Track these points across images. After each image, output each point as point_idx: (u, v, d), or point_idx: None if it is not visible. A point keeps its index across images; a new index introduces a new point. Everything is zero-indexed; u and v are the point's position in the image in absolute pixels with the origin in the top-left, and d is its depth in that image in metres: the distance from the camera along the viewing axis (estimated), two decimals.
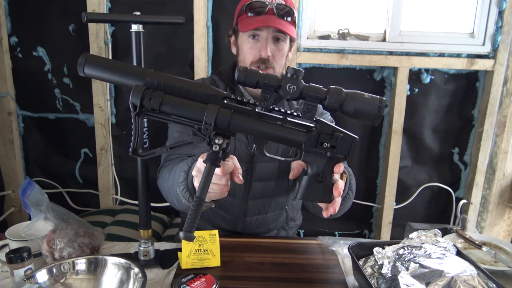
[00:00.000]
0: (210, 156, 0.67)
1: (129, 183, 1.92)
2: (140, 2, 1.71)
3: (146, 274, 0.87)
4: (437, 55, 1.76)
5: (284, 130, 0.68)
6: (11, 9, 1.75)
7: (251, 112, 0.68)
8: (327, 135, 0.69)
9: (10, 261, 0.89)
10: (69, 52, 1.77)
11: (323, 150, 0.69)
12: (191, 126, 0.67)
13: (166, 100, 0.64)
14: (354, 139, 0.71)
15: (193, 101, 0.65)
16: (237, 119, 0.66)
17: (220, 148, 0.66)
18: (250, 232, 1.28)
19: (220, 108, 0.65)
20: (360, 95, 0.67)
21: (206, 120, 0.64)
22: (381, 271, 0.89)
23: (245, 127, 0.66)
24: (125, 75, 0.67)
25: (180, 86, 0.66)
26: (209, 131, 0.65)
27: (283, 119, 0.69)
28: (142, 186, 1.01)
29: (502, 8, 1.71)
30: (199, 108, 0.64)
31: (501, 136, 1.83)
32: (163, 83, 0.66)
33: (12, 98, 1.82)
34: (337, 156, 0.70)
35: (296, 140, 0.68)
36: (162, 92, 0.64)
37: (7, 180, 1.90)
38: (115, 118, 1.85)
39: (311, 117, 0.68)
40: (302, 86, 0.67)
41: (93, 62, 0.67)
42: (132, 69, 0.68)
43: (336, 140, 0.69)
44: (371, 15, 1.81)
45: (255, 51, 1.12)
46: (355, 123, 1.84)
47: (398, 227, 1.95)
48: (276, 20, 1.09)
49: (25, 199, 1.09)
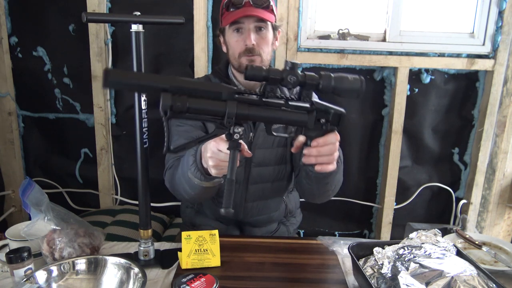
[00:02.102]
0: (233, 144, 0.77)
1: (129, 183, 1.92)
2: (140, 2, 1.71)
3: (146, 274, 0.87)
4: (437, 55, 1.76)
5: (290, 114, 0.81)
6: (11, 9, 1.75)
7: (260, 102, 0.79)
8: (322, 111, 0.83)
9: (10, 261, 0.89)
10: (69, 52, 1.77)
11: (320, 125, 0.84)
12: (213, 121, 0.77)
13: (191, 103, 0.74)
14: (342, 112, 0.85)
15: (211, 99, 0.75)
16: (252, 110, 0.78)
17: (240, 136, 0.77)
18: (252, 220, 1.31)
19: (237, 103, 0.76)
20: (345, 77, 0.80)
21: (228, 114, 0.75)
22: (381, 271, 0.89)
23: (259, 116, 0.79)
24: (148, 84, 0.75)
25: (197, 88, 0.75)
26: (231, 123, 0.76)
27: (285, 104, 0.81)
28: (142, 186, 1.01)
29: (502, 8, 1.71)
30: (220, 105, 0.75)
31: (501, 136, 1.83)
32: (183, 88, 0.74)
33: (12, 98, 1.82)
34: (331, 127, 0.85)
35: (301, 120, 0.82)
36: (186, 96, 0.73)
37: (7, 180, 1.90)
38: (115, 118, 1.85)
39: (309, 100, 0.82)
40: (300, 76, 0.79)
41: (115, 77, 0.73)
42: (154, 78, 0.77)
43: (329, 115, 0.83)
44: (371, 15, 1.81)
45: (241, 43, 1.19)
46: (357, 122, 1.84)
47: (398, 227, 1.94)
48: (253, 10, 1.17)
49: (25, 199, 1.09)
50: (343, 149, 1.87)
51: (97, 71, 1.75)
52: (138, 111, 0.97)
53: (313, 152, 0.86)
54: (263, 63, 1.22)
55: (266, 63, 1.23)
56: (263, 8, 1.18)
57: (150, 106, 1.00)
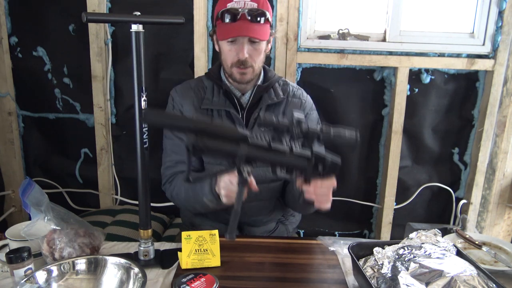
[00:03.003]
0: (241, 179, 0.88)
1: (129, 183, 1.92)
2: (140, 2, 1.71)
3: (146, 274, 0.87)
4: (437, 55, 1.76)
5: (292, 160, 0.91)
6: (11, 9, 1.75)
7: (268, 147, 0.89)
8: (320, 160, 0.92)
9: (10, 261, 0.89)
10: (69, 52, 1.77)
11: (318, 171, 0.93)
12: (227, 159, 0.90)
13: (210, 143, 0.85)
14: (338, 163, 0.94)
15: (228, 139, 0.87)
16: (260, 153, 0.88)
17: (248, 174, 0.87)
18: (250, 220, 1.33)
19: (248, 147, 0.86)
20: (342, 131, 0.90)
21: (240, 155, 0.85)
22: (381, 271, 0.89)
23: (266, 159, 0.89)
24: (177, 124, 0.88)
25: (217, 131, 0.87)
26: (241, 163, 0.86)
27: (289, 151, 0.90)
28: (142, 186, 1.01)
29: (502, 8, 1.71)
30: (233, 147, 0.86)
31: (501, 136, 1.83)
32: (205, 129, 0.86)
33: (12, 98, 1.82)
34: (327, 174, 0.94)
35: (301, 166, 0.92)
36: (207, 138, 0.85)
37: (7, 180, 1.90)
38: (115, 118, 1.85)
39: (310, 149, 0.91)
40: (303, 129, 0.89)
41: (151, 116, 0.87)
42: (182, 120, 0.91)
43: (326, 164, 0.93)
44: (371, 15, 1.81)
45: (233, 53, 1.21)
46: (357, 122, 1.85)
47: (398, 227, 1.94)
48: (249, 27, 1.17)
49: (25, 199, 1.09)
50: None
51: (97, 71, 1.75)
52: (138, 111, 0.97)
53: (312, 190, 0.97)
54: (255, 72, 1.25)
55: (258, 71, 1.27)
56: (260, 21, 1.18)
57: (150, 106, 1.00)
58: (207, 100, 1.27)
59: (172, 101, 1.32)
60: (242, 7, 1.18)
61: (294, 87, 1.38)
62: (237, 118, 1.25)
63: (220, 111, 1.27)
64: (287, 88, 1.35)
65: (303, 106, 1.35)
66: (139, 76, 0.95)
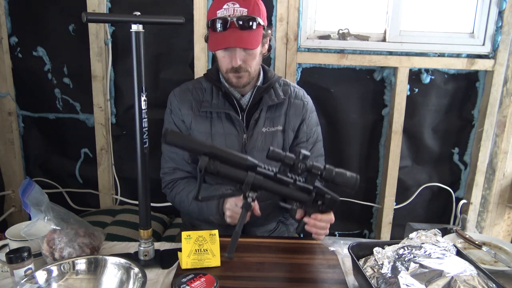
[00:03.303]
0: (246, 204, 0.94)
1: (129, 183, 1.92)
2: (140, 2, 1.71)
3: (146, 274, 0.87)
4: (437, 55, 1.76)
5: (294, 192, 0.99)
6: (11, 9, 1.75)
7: (274, 177, 0.97)
8: (321, 196, 1.01)
9: (10, 261, 0.89)
10: (69, 52, 1.77)
11: (317, 205, 1.02)
12: (234, 184, 0.96)
13: (221, 168, 0.92)
14: (337, 200, 1.03)
15: (237, 166, 0.94)
16: (266, 182, 0.96)
17: (253, 199, 0.94)
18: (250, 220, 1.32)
19: (256, 175, 0.94)
20: (344, 173, 0.97)
21: (247, 182, 0.93)
22: (381, 271, 0.89)
23: (270, 188, 0.96)
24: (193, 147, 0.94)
25: (229, 157, 0.94)
26: (247, 189, 0.93)
27: (293, 183, 0.98)
28: (142, 186, 1.01)
29: (502, 8, 1.71)
30: (242, 175, 0.94)
31: (501, 136, 1.83)
32: (218, 155, 0.93)
33: (12, 98, 1.82)
34: (326, 209, 1.04)
35: (302, 199, 1.00)
36: (218, 162, 0.92)
37: (7, 180, 1.90)
38: (115, 118, 1.85)
39: (312, 184, 1.00)
40: (308, 165, 0.96)
41: (171, 137, 0.93)
42: (198, 143, 0.96)
43: (325, 200, 1.02)
44: (371, 15, 1.81)
45: (227, 60, 1.20)
46: (357, 122, 1.85)
47: (398, 227, 1.94)
48: (239, 36, 1.15)
49: (25, 199, 1.09)
50: (343, 148, 1.89)
51: (97, 71, 1.76)
52: (138, 111, 0.97)
53: (311, 222, 1.05)
54: (251, 75, 1.23)
55: (254, 74, 1.25)
56: (250, 27, 1.15)
57: (150, 106, 1.00)
58: (206, 102, 1.26)
59: (170, 105, 1.31)
60: (232, 14, 1.15)
61: (295, 87, 1.37)
62: (237, 120, 1.25)
63: (219, 113, 1.26)
64: (287, 89, 1.34)
65: (305, 107, 1.34)
66: (139, 76, 0.95)
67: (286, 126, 1.31)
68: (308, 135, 1.35)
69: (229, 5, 1.15)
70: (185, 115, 1.27)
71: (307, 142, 1.35)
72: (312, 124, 1.37)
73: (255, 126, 1.27)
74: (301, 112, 1.33)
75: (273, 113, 1.30)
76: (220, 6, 1.16)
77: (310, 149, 1.36)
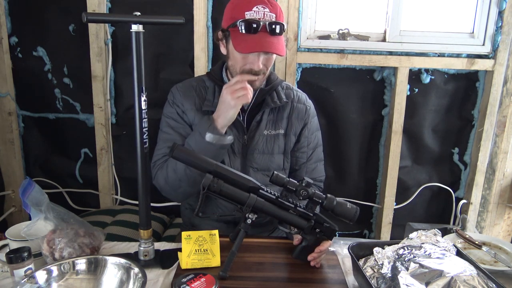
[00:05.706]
0: (245, 225, 0.97)
1: (129, 183, 1.92)
2: (140, 2, 1.71)
3: (146, 274, 0.87)
4: (437, 55, 1.76)
5: (294, 218, 1.01)
6: (11, 9, 1.74)
7: (275, 201, 0.99)
8: (319, 224, 1.02)
9: (10, 261, 0.89)
10: (69, 52, 1.77)
11: (315, 233, 1.03)
12: (235, 205, 0.98)
13: (224, 187, 0.94)
14: (335, 228, 1.04)
15: (240, 187, 0.96)
16: (267, 206, 0.98)
17: (252, 221, 0.97)
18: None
19: (257, 198, 0.96)
20: (345, 204, 1.01)
21: (248, 204, 0.95)
22: (381, 271, 0.89)
23: (270, 211, 0.99)
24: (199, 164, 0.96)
25: (233, 178, 0.96)
26: (248, 211, 0.96)
27: (294, 208, 1.00)
28: (142, 186, 1.01)
29: (502, 8, 1.71)
30: (244, 196, 0.96)
31: (501, 136, 1.83)
32: (222, 174, 0.95)
33: (12, 98, 1.82)
34: (323, 237, 1.04)
35: (301, 225, 1.02)
36: (222, 181, 0.94)
37: (7, 180, 1.90)
38: (115, 118, 1.85)
39: (312, 211, 1.02)
40: (310, 192, 0.99)
41: (179, 153, 0.96)
42: (204, 161, 0.97)
43: (324, 228, 1.03)
44: (371, 15, 1.81)
45: (248, 61, 1.17)
46: (357, 122, 1.85)
47: (398, 227, 1.95)
48: (268, 41, 1.12)
49: (25, 199, 1.09)
50: (343, 149, 1.89)
51: (97, 71, 1.75)
52: (138, 111, 0.97)
53: (315, 255, 1.04)
54: (264, 78, 1.23)
55: (266, 76, 1.24)
56: (278, 34, 1.13)
57: (150, 106, 1.00)
58: (208, 101, 1.26)
59: (172, 97, 1.29)
60: (262, 18, 1.12)
61: (298, 91, 1.38)
62: (237, 120, 1.25)
63: None
64: (290, 92, 1.35)
65: (307, 112, 1.35)
66: (139, 76, 0.95)
67: (288, 130, 1.31)
68: (309, 140, 1.36)
69: (259, 8, 1.12)
70: (188, 110, 1.26)
71: (307, 147, 1.36)
72: (313, 129, 1.37)
73: (256, 128, 1.27)
74: (303, 116, 1.34)
75: (275, 116, 1.30)
76: (249, 8, 1.12)
77: (310, 154, 1.37)
